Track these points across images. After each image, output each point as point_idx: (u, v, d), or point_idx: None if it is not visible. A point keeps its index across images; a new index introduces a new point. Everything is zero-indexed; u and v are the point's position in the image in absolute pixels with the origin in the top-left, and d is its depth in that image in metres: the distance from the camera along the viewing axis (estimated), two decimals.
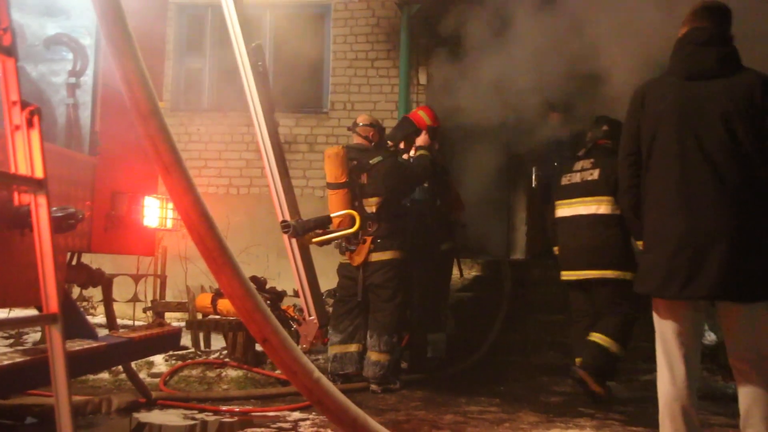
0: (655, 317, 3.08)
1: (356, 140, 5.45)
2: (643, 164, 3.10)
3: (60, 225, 2.86)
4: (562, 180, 5.35)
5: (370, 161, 5.22)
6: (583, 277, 5.11)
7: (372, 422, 2.59)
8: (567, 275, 5.26)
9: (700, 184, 2.88)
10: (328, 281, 5.75)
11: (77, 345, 3.14)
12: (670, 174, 2.96)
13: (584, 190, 5.13)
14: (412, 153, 5.63)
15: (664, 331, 3.03)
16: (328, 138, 8.31)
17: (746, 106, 2.87)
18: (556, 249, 5.43)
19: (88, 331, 3.39)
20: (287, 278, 5.59)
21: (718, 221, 2.83)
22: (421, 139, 5.55)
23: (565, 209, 5.28)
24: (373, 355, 5.13)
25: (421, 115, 5.75)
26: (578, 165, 5.27)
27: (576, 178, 5.24)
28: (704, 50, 3.01)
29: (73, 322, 3.29)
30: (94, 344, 3.22)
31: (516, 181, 9.69)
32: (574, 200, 5.20)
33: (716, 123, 2.89)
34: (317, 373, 2.48)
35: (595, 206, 5.06)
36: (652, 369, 5.89)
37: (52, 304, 2.09)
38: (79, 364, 3.12)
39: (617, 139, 3.67)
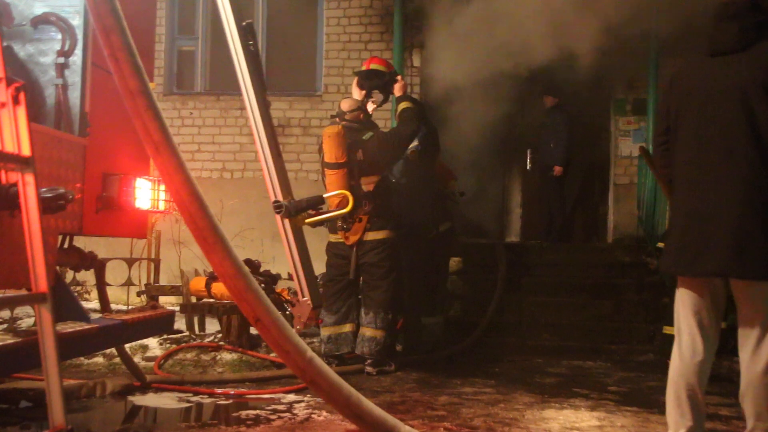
0: (677, 294, 3.08)
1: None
2: (672, 145, 3.11)
3: (50, 206, 2.81)
4: None
5: (363, 137, 5.20)
6: None
7: (365, 401, 2.59)
8: None
9: (712, 162, 2.88)
10: (321, 264, 5.73)
11: (69, 327, 3.11)
12: (688, 152, 2.99)
13: None
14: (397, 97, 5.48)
15: (679, 307, 3.03)
16: (322, 121, 8.22)
17: (764, 81, 2.80)
18: None
19: (80, 314, 3.36)
20: (282, 262, 5.54)
21: (726, 198, 2.83)
22: (398, 88, 5.45)
23: None
24: (368, 332, 5.13)
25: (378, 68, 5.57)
26: None
27: None
28: (727, 25, 2.95)
29: (65, 305, 3.26)
30: (86, 326, 3.20)
31: (511, 163, 9.70)
32: None
33: (733, 100, 2.85)
34: (310, 353, 2.47)
35: None
36: (648, 350, 6.01)
37: (41, 284, 2.07)
38: (71, 346, 3.11)
39: None
